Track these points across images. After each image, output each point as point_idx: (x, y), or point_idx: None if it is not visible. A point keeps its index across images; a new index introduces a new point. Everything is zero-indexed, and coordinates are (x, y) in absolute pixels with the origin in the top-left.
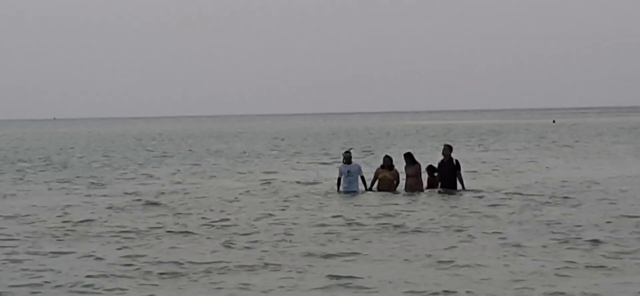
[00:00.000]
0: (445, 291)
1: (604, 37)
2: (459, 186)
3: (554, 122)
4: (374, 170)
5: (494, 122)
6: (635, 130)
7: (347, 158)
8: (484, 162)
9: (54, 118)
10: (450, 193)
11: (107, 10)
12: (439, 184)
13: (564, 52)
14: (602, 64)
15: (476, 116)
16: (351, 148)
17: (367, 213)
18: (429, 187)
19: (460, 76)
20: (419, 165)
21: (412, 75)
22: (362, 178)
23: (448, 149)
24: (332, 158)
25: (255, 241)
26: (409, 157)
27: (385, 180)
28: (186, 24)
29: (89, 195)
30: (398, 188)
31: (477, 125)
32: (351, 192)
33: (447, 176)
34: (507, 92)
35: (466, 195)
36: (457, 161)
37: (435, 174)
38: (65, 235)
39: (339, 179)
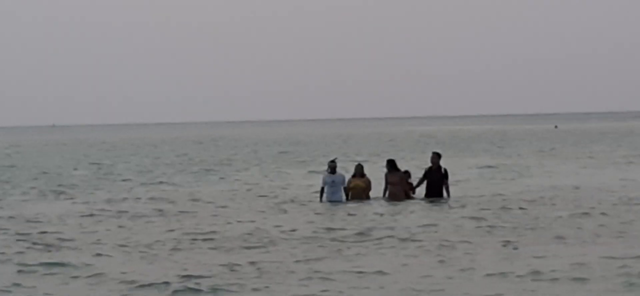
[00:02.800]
0: None
1: (606, 40)
2: (444, 195)
3: (556, 127)
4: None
5: (495, 127)
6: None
7: (332, 168)
8: (480, 169)
9: (53, 125)
10: (434, 202)
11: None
12: (424, 192)
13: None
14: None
15: (475, 122)
16: (336, 158)
17: (345, 223)
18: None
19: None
20: (401, 173)
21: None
22: (345, 188)
23: (436, 157)
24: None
25: (231, 249)
26: (390, 164)
27: (357, 188)
28: (188, 29)
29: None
30: (371, 194)
31: (476, 131)
32: (334, 202)
33: (434, 184)
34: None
35: (451, 204)
36: (445, 169)
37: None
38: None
39: (322, 189)
